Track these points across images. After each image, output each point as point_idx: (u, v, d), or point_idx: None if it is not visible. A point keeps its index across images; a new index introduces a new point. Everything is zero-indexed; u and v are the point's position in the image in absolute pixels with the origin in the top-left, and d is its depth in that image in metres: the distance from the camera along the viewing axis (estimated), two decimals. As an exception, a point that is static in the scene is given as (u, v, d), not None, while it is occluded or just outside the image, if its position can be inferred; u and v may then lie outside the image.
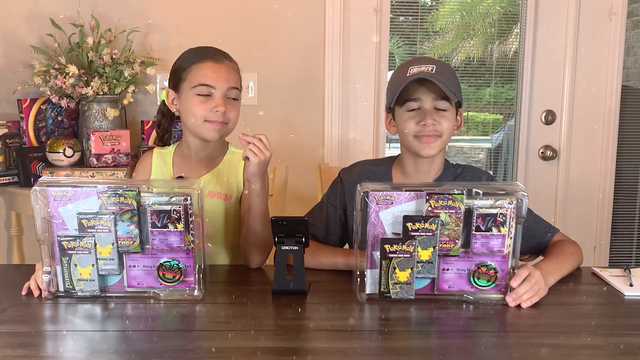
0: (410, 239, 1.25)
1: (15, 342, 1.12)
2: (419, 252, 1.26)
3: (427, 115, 1.51)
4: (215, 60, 1.57)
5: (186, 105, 1.57)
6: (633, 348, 1.11)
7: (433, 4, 2.89)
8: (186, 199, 1.28)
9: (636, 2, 2.84)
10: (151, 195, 1.29)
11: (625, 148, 2.83)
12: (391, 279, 1.27)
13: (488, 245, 1.28)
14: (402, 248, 1.26)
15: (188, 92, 1.56)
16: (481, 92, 2.89)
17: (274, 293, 1.36)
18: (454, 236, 1.27)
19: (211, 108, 1.54)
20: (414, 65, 1.53)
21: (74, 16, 2.45)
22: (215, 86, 1.55)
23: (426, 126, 1.51)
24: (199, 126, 1.56)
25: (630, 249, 2.95)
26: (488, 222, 1.26)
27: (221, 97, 1.55)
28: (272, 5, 2.57)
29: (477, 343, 1.15)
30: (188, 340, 1.15)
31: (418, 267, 1.27)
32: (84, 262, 1.30)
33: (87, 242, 1.29)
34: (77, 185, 1.30)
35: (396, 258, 1.26)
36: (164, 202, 1.28)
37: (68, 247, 1.29)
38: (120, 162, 2.35)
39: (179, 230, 1.28)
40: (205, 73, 1.55)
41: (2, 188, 2.46)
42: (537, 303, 1.30)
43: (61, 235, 1.29)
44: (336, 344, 1.12)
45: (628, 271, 1.50)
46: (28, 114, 2.39)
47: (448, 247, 1.28)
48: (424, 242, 1.26)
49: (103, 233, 1.29)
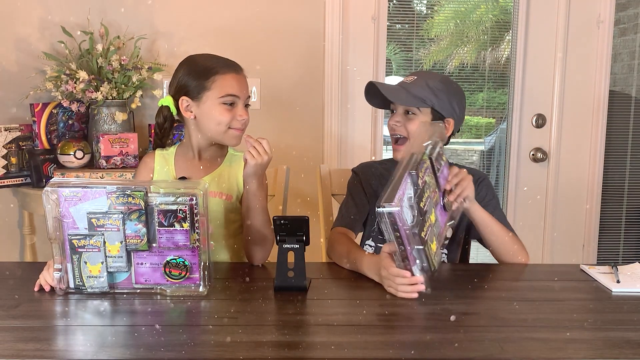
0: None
1: (27, 337, 1.12)
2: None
3: (393, 117, 1.72)
4: (236, 71, 1.64)
5: (210, 113, 1.61)
6: (619, 342, 1.12)
7: (428, 12, 2.89)
8: (192, 199, 1.30)
9: (623, 10, 2.88)
10: (158, 195, 1.31)
11: (613, 150, 2.85)
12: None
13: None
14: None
15: (214, 100, 1.61)
16: (474, 96, 2.89)
17: (276, 289, 1.38)
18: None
19: (237, 117, 1.61)
20: (406, 76, 1.73)
21: (84, 24, 2.48)
22: (239, 96, 1.62)
23: (389, 127, 1.71)
24: (222, 133, 1.62)
25: (617, 247, 2.96)
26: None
27: (243, 107, 1.63)
28: (274, 14, 2.60)
29: (469, 337, 1.15)
30: (193, 334, 1.15)
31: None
32: (94, 259, 1.33)
33: (96, 241, 1.31)
34: (86, 186, 1.31)
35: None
36: (170, 202, 1.31)
37: (78, 245, 1.32)
38: (129, 164, 2.38)
39: (185, 229, 1.31)
40: (231, 84, 1.61)
41: (15, 189, 2.47)
42: (528, 299, 1.35)
43: (72, 234, 1.32)
44: (336, 338, 1.14)
45: (615, 268, 1.52)
46: (40, 117, 2.41)
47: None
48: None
49: (112, 232, 1.31)
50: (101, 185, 1.32)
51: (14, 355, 1.05)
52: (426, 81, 1.68)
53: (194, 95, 1.63)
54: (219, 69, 1.62)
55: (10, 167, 2.40)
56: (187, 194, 1.31)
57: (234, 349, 1.08)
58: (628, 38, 2.89)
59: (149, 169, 1.72)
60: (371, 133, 2.75)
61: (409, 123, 1.68)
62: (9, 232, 2.63)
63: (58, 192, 1.31)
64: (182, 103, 1.64)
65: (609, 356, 1.08)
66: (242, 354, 1.07)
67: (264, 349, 1.08)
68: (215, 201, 1.68)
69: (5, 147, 2.39)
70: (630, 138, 2.90)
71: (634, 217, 2.96)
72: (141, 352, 1.07)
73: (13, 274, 1.53)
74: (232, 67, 1.65)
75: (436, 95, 1.67)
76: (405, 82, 1.71)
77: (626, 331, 1.18)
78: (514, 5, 2.74)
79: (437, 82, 1.69)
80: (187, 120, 1.67)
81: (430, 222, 1.36)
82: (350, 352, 1.08)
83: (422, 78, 1.69)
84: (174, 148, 1.75)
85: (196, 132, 1.67)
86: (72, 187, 1.31)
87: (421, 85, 1.67)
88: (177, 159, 1.72)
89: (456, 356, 1.08)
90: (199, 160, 1.70)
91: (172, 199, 1.31)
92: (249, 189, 1.59)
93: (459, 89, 1.76)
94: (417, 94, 1.66)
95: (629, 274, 1.51)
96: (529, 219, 2.85)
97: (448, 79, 1.76)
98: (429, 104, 1.67)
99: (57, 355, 1.07)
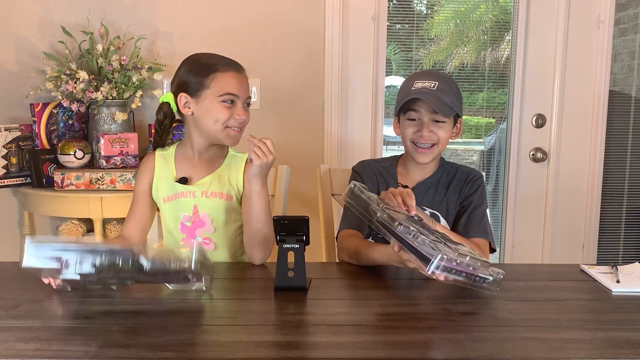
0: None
1: (28, 337, 1.12)
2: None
3: (423, 127, 1.68)
4: (237, 70, 1.64)
5: (208, 111, 1.61)
6: (619, 342, 1.13)
7: (428, 12, 2.89)
8: (185, 262, 1.25)
9: (623, 10, 2.88)
10: (148, 263, 1.26)
11: (613, 150, 2.85)
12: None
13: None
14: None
15: (213, 98, 1.60)
16: (474, 96, 2.90)
17: (276, 289, 1.38)
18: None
19: (235, 116, 1.61)
20: (419, 79, 1.69)
21: (84, 24, 2.48)
22: (239, 95, 1.62)
23: (422, 137, 1.67)
24: (219, 131, 1.62)
25: (617, 247, 2.96)
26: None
27: (242, 106, 1.63)
28: (274, 14, 2.60)
29: (469, 337, 1.15)
30: (194, 334, 1.15)
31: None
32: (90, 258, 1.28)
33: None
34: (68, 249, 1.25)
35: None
36: (161, 269, 1.27)
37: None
38: (129, 164, 2.39)
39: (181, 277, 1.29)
40: (231, 82, 1.61)
41: (16, 189, 2.48)
42: (528, 299, 1.36)
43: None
44: (336, 338, 1.14)
45: (615, 268, 1.53)
46: (40, 117, 2.41)
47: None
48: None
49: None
50: (87, 252, 1.25)
51: (14, 355, 1.05)
52: (449, 86, 1.69)
53: (193, 92, 1.63)
54: (219, 67, 1.62)
55: (10, 167, 2.41)
56: (180, 259, 1.26)
57: (234, 349, 1.08)
58: (628, 38, 2.89)
59: (150, 171, 1.72)
60: (371, 133, 2.75)
61: (440, 131, 1.70)
62: (9, 232, 2.64)
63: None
64: (181, 99, 1.65)
65: (609, 356, 1.08)
66: (242, 354, 1.07)
67: (264, 349, 1.08)
68: (216, 202, 1.68)
69: (5, 147, 2.39)
70: (630, 138, 2.90)
71: (634, 217, 2.96)
72: (142, 351, 1.07)
73: (13, 274, 1.53)
74: (233, 66, 1.65)
75: (458, 100, 1.71)
76: (432, 89, 1.67)
77: (626, 331, 1.19)
78: (514, 5, 2.75)
79: (453, 86, 1.71)
80: (187, 118, 1.67)
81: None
82: (350, 352, 1.08)
83: (444, 83, 1.69)
84: (173, 148, 1.75)
85: (195, 130, 1.67)
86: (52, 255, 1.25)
87: (447, 92, 1.67)
88: (177, 159, 1.72)
89: (456, 356, 1.08)
90: (199, 160, 1.70)
91: (164, 266, 1.27)
92: (253, 189, 1.59)
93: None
94: (448, 103, 1.67)
95: (629, 274, 1.51)
96: (529, 219, 2.86)
97: (452, 78, 1.79)
98: (456, 111, 1.70)
99: (57, 355, 1.06)
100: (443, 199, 1.74)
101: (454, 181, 1.76)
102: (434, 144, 1.70)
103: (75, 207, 2.32)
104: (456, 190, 1.75)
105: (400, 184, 1.76)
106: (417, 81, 1.70)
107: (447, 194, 1.75)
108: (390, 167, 1.81)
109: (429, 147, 1.70)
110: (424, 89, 1.67)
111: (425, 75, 1.72)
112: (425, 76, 1.71)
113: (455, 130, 1.76)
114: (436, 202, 1.74)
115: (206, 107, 1.62)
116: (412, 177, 1.77)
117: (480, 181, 1.77)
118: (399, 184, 1.76)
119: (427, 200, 1.74)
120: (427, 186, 1.75)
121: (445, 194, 1.75)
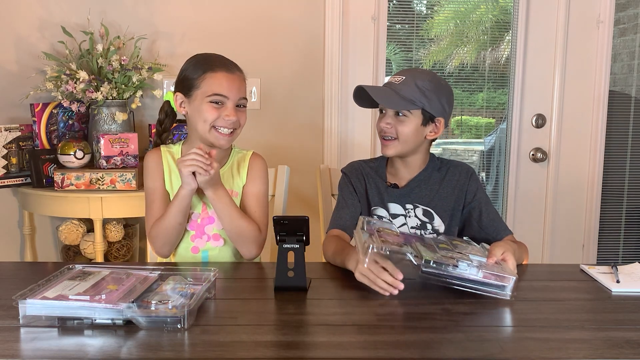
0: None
1: (27, 337, 1.12)
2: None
3: (383, 118, 1.72)
4: (228, 70, 1.63)
5: (197, 111, 1.62)
6: (619, 342, 1.13)
7: (428, 13, 2.89)
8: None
9: (623, 10, 2.88)
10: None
11: (612, 150, 2.86)
12: None
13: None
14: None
15: (202, 99, 1.61)
16: (474, 96, 2.90)
17: (276, 289, 1.39)
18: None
19: (223, 116, 1.61)
20: (393, 75, 1.73)
21: (84, 24, 2.49)
22: (228, 96, 1.61)
23: (382, 129, 1.71)
24: (207, 132, 1.62)
25: (617, 247, 2.97)
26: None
27: (232, 107, 1.62)
28: (274, 14, 2.61)
29: (469, 337, 1.15)
30: (193, 334, 1.15)
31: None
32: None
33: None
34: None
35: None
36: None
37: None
38: (129, 164, 2.39)
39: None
40: (220, 83, 1.60)
41: (16, 189, 2.48)
42: (528, 299, 1.36)
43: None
44: (335, 338, 1.14)
45: (615, 268, 1.53)
46: (40, 117, 2.41)
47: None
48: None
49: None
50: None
51: (14, 355, 1.05)
52: (415, 81, 1.66)
53: (187, 92, 1.65)
54: (209, 68, 1.62)
55: (11, 167, 2.41)
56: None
57: (234, 349, 1.08)
58: (628, 38, 2.90)
59: (160, 167, 1.72)
60: (371, 133, 2.75)
61: (400, 125, 1.68)
62: (9, 232, 2.64)
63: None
64: (177, 99, 1.67)
65: (609, 356, 1.08)
66: (242, 354, 1.07)
67: (264, 349, 1.09)
68: None
69: (6, 147, 2.39)
70: (630, 138, 2.91)
71: (634, 217, 2.97)
72: (142, 351, 1.07)
73: (13, 274, 1.53)
74: (225, 66, 1.64)
75: (426, 96, 1.66)
76: (394, 83, 1.68)
77: (626, 331, 1.19)
78: (514, 5, 2.75)
79: (426, 82, 1.67)
80: (187, 118, 1.69)
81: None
82: (350, 352, 1.08)
83: (411, 77, 1.67)
84: (178, 146, 1.76)
85: (191, 130, 1.69)
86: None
87: (410, 86, 1.66)
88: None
89: (456, 356, 1.08)
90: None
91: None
92: (208, 196, 1.64)
93: (447, 85, 1.74)
94: (407, 96, 1.65)
95: (628, 274, 1.52)
96: (529, 219, 2.86)
97: (436, 76, 1.73)
98: (420, 106, 1.66)
99: (58, 355, 1.06)
100: (435, 195, 1.74)
101: (446, 176, 1.75)
102: (394, 138, 1.69)
103: (75, 207, 2.32)
104: (449, 185, 1.74)
105: (389, 183, 1.76)
106: (391, 76, 1.73)
107: (440, 190, 1.74)
108: (379, 167, 1.80)
109: (391, 140, 1.70)
110: (388, 83, 1.71)
111: (400, 72, 1.73)
112: (400, 72, 1.73)
113: (434, 129, 1.71)
114: (428, 198, 1.74)
115: (196, 107, 1.63)
116: (401, 175, 1.77)
117: (475, 175, 1.78)
118: (388, 184, 1.76)
119: (418, 197, 1.74)
120: (417, 183, 1.75)
121: (438, 190, 1.74)
